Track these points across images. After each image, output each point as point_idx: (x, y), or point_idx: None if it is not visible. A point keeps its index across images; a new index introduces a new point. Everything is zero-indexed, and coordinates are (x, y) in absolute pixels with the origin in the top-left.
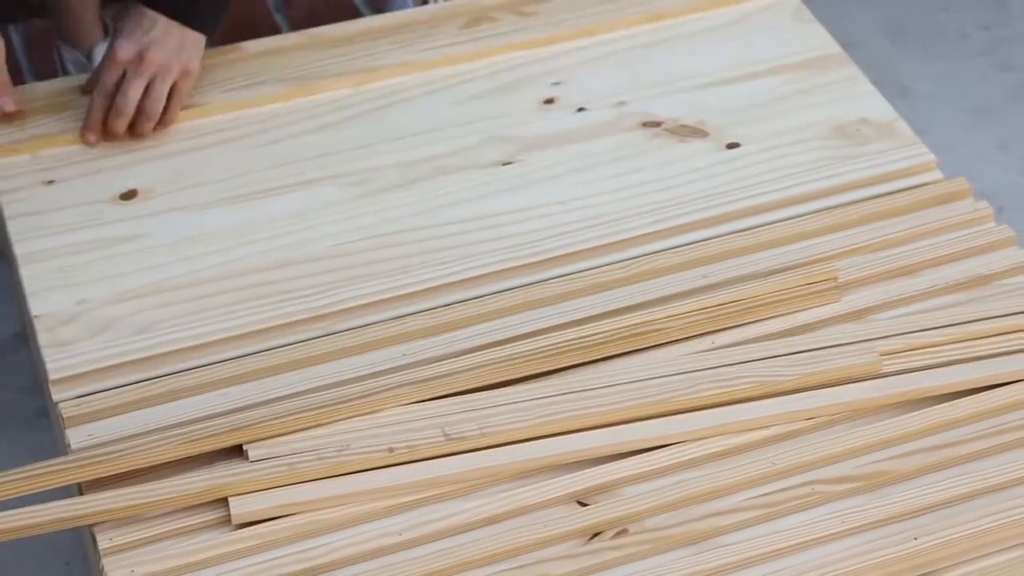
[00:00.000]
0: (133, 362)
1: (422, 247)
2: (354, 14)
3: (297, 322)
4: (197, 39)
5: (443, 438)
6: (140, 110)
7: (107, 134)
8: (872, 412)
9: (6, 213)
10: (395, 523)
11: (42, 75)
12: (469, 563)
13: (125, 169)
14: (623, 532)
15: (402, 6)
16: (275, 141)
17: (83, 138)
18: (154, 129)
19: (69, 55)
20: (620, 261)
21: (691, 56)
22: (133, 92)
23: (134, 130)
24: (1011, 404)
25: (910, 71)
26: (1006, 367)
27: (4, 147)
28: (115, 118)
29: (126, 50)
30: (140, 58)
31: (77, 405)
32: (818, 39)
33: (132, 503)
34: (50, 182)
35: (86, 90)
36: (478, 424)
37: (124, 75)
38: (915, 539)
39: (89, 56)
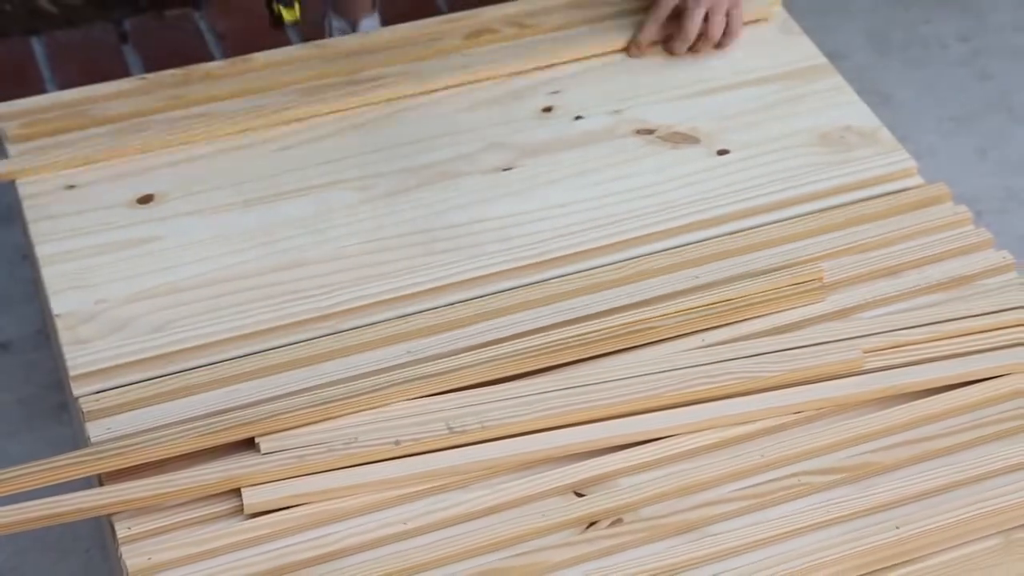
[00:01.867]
0: (149, 359)
1: (426, 249)
2: None
3: (306, 321)
4: None
5: (447, 431)
6: (702, 33)
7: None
8: (855, 407)
9: (28, 217)
10: (401, 512)
11: (64, 85)
12: (471, 551)
13: (142, 175)
14: (618, 521)
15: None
16: (285, 148)
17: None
18: (719, 45)
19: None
20: (616, 262)
21: (683, 66)
22: (698, 17)
23: (693, 49)
24: (989, 399)
25: (892, 81)
26: (984, 363)
27: (29, 166)
28: (679, 43)
29: None
30: None
31: (96, 400)
32: (804, 50)
33: (149, 494)
34: (70, 187)
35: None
36: (480, 418)
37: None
38: (897, 528)
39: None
